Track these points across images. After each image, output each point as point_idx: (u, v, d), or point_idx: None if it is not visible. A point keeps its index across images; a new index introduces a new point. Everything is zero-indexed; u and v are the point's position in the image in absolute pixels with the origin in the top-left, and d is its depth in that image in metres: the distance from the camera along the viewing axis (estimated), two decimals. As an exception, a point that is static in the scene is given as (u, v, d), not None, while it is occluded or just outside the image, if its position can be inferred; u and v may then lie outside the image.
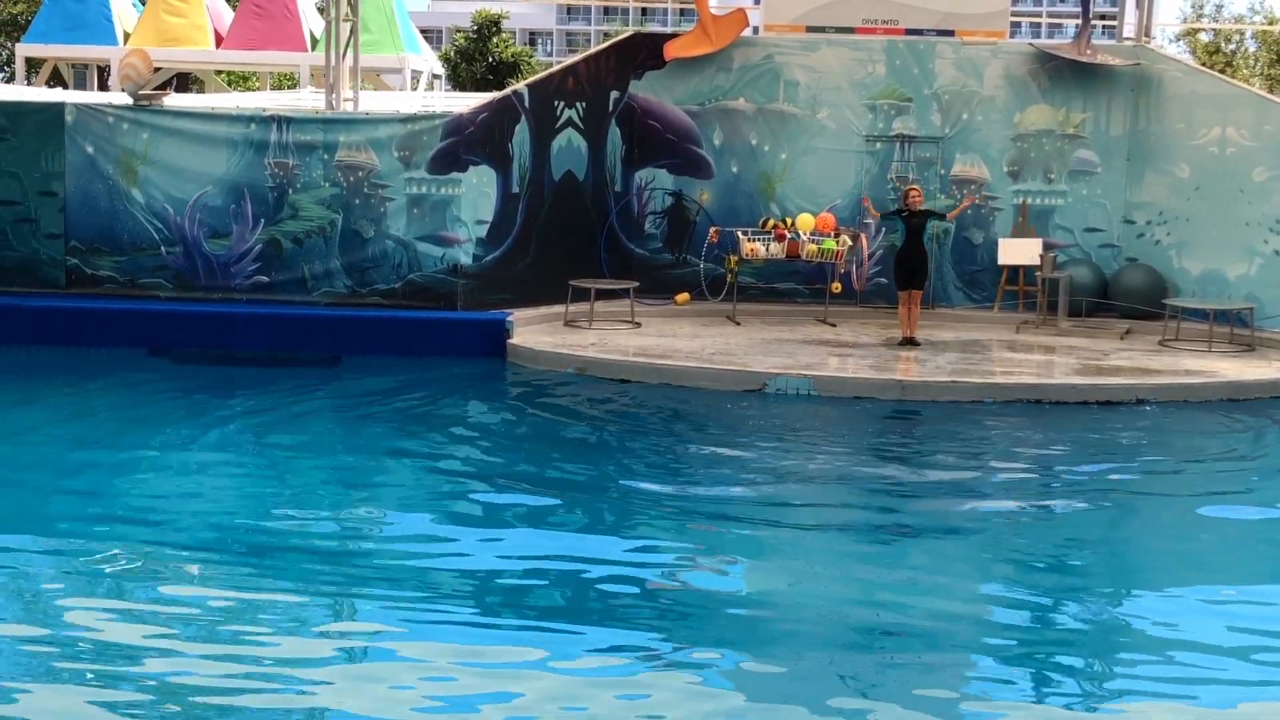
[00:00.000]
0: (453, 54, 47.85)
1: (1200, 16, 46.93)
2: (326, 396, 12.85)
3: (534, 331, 14.83)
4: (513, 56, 42.69)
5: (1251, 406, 12.97)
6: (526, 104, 15.63)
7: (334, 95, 15.87)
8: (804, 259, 15.99)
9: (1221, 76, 17.88)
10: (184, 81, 31.38)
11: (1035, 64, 16.66)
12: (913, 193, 14.83)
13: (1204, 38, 45.66)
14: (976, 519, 9.48)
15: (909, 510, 9.73)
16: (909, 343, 14.68)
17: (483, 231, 15.19)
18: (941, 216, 15.42)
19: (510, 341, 14.37)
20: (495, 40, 43.86)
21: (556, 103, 15.96)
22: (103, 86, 28.86)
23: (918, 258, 14.76)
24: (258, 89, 32.16)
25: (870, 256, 16.54)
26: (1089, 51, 16.55)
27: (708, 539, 8.88)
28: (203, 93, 29.08)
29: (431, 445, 11.26)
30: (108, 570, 7.94)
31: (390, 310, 14.75)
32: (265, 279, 14.98)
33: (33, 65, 27.17)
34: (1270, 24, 45.60)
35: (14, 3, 37.40)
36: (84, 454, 10.65)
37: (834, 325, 15.87)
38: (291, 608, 7.39)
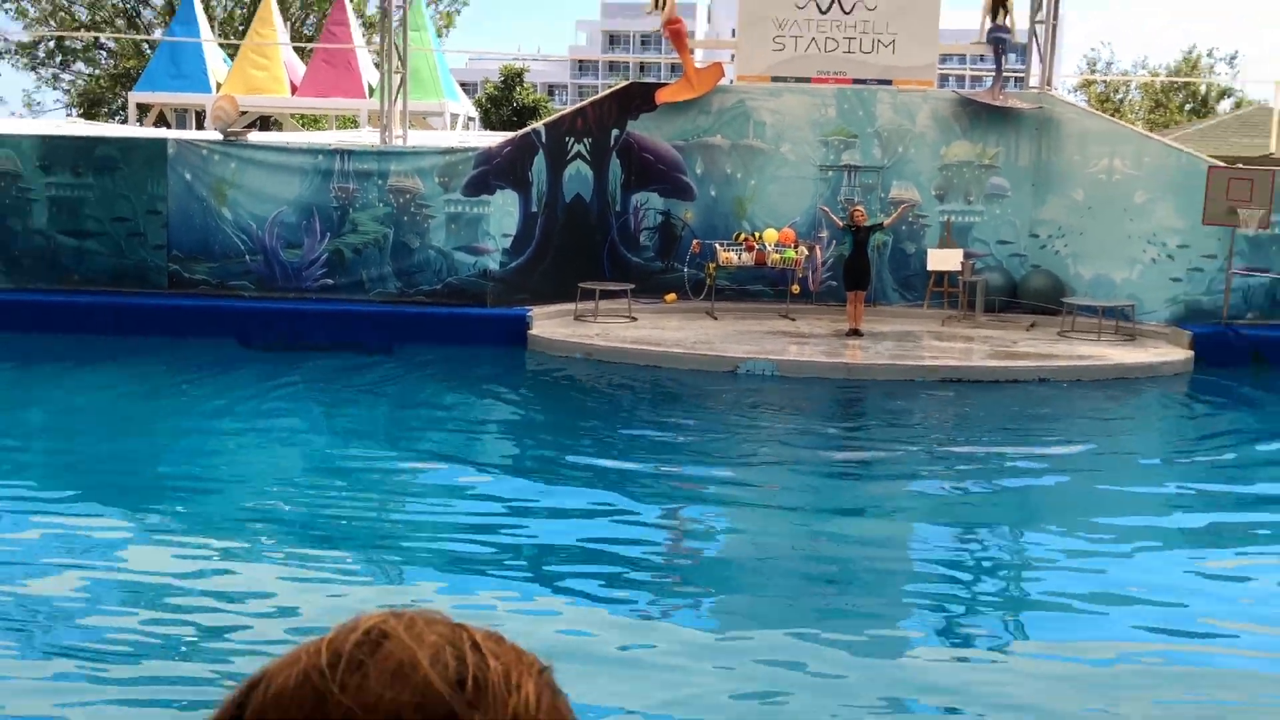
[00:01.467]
0: (484, 100, 47.76)
1: (1094, 71, 46.82)
2: (380, 377, 12.84)
3: (549, 325, 14.81)
4: (533, 102, 42.72)
5: (1132, 385, 13.02)
6: (543, 140, 15.60)
7: (387, 133, 15.85)
8: (769, 266, 15.97)
9: (1109, 117, 17.85)
10: (265, 122, 31.32)
11: (958, 108, 16.63)
12: (857, 212, 14.82)
13: (1097, 89, 45.56)
14: (912, 477, 9.49)
15: (855, 469, 9.76)
16: (854, 334, 14.68)
17: (508, 243, 15.17)
18: (881, 226, 15.36)
19: (530, 333, 14.35)
20: (519, 89, 43.87)
21: (568, 139, 15.92)
22: (199, 126, 28.79)
23: (863, 266, 14.76)
24: (325, 128, 32.09)
25: (823, 264, 16.52)
26: (1001, 98, 16.51)
27: (686, 494, 8.89)
28: (280, 131, 29.01)
29: (466, 413, 11.38)
30: (169, 528, 7.85)
31: (432, 307, 14.74)
32: (331, 282, 14.97)
33: (142, 110, 27.14)
34: (1153, 77, 45.52)
35: (128, 59, 37.45)
36: (175, 425, 10.66)
37: (794, 320, 15.85)
38: (336, 561, 7.08)
